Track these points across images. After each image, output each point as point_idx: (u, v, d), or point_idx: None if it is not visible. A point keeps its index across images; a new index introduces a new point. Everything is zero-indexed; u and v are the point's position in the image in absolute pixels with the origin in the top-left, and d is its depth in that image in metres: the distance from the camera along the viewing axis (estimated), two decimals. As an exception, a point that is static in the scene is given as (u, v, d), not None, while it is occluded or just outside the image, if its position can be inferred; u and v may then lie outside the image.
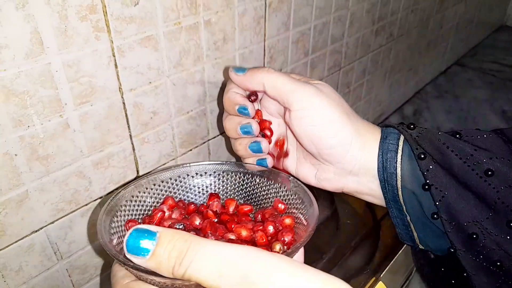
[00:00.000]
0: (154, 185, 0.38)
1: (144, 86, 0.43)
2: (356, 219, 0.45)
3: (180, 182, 0.39)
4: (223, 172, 0.41)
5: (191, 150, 0.53)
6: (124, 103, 0.42)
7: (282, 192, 0.39)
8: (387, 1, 0.81)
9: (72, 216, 0.43)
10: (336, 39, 0.71)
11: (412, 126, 0.38)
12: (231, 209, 0.37)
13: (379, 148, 0.38)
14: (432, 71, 1.24)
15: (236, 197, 0.42)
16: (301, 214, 0.34)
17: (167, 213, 0.35)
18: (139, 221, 0.36)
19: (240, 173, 0.41)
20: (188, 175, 0.40)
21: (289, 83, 0.38)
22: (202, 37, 0.47)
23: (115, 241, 0.31)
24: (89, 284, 0.49)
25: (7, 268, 0.40)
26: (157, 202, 0.38)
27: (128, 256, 0.23)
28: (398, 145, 0.37)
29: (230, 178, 0.41)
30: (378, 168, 0.37)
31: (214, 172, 0.41)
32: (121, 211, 0.34)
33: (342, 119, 0.37)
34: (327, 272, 0.22)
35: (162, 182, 0.38)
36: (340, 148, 0.37)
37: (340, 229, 0.42)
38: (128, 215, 0.35)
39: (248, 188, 0.41)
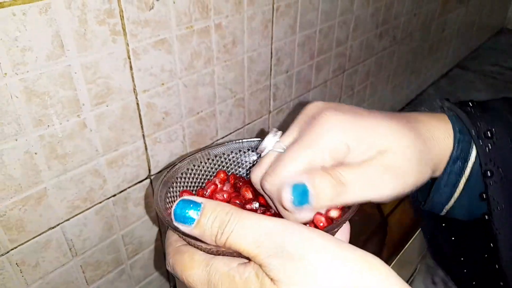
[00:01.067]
0: (208, 159, 0.38)
1: (157, 88, 0.45)
2: (363, 215, 0.46)
3: (233, 157, 0.40)
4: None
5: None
6: (138, 103, 0.44)
7: None
8: (391, 5, 0.82)
9: (87, 214, 0.44)
10: (341, 42, 0.72)
11: (489, 135, 0.32)
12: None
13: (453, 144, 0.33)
14: (434, 74, 1.26)
15: None
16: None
17: (219, 186, 0.36)
18: (194, 192, 0.37)
19: None
20: (240, 150, 0.39)
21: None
22: (213, 40, 0.48)
23: (170, 211, 0.32)
24: (102, 280, 0.50)
25: (25, 263, 0.41)
26: (211, 176, 0.38)
27: (175, 224, 0.25)
28: (469, 155, 0.33)
29: None
30: (450, 160, 0.33)
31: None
32: (176, 182, 0.35)
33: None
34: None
35: (216, 156, 0.39)
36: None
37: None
38: (183, 187, 0.36)
39: None
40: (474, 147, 0.33)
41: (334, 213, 0.30)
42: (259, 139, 0.39)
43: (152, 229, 0.53)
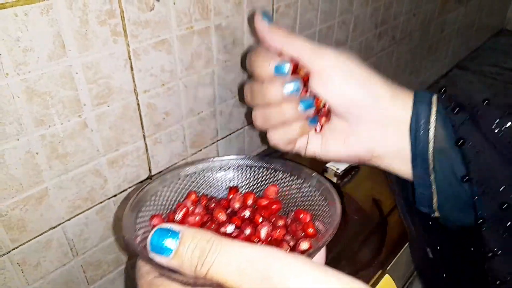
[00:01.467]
0: (179, 179, 0.38)
1: (158, 88, 0.45)
2: (363, 215, 0.46)
3: (204, 176, 0.40)
4: (246, 167, 0.40)
5: (201, 150, 0.54)
6: (138, 104, 0.44)
7: (305, 188, 0.38)
8: (390, 5, 0.83)
9: (87, 213, 0.44)
10: (340, 42, 0.72)
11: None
12: (249, 202, 0.37)
13: (413, 98, 0.37)
14: (433, 74, 1.26)
15: (258, 192, 0.41)
16: (324, 212, 0.34)
17: (190, 208, 0.35)
18: (164, 216, 0.36)
19: (262, 168, 0.40)
20: (211, 169, 0.40)
21: (310, 44, 0.37)
22: (213, 41, 0.48)
23: (139, 238, 0.32)
24: (102, 280, 0.50)
25: (26, 263, 0.41)
26: (182, 196, 0.38)
27: (152, 255, 0.24)
28: (431, 99, 0.36)
29: (252, 172, 0.41)
30: (410, 120, 0.36)
31: (238, 166, 0.41)
32: (146, 206, 0.35)
33: (366, 71, 0.37)
34: (336, 265, 0.23)
35: (186, 176, 0.39)
36: (370, 98, 0.36)
37: (348, 225, 0.44)
38: (153, 210, 0.36)
39: (271, 184, 0.41)
40: (433, 112, 0.36)
41: (304, 246, 0.31)
42: (230, 157, 0.40)
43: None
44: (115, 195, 0.46)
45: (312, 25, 0.63)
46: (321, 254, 0.31)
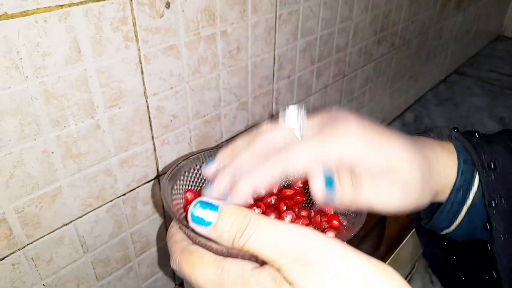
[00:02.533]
0: (211, 160, 0.40)
1: (166, 91, 0.47)
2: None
3: None
4: None
5: (206, 151, 0.56)
6: (148, 106, 0.46)
7: None
8: (389, 13, 0.85)
9: (98, 211, 0.46)
10: (341, 48, 0.75)
11: (492, 166, 0.34)
12: (274, 190, 0.37)
13: (452, 187, 0.35)
14: (432, 80, 1.28)
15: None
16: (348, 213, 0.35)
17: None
18: (196, 191, 0.37)
19: None
20: None
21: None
22: (219, 47, 0.50)
23: (176, 207, 0.33)
24: (111, 277, 0.52)
25: (40, 258, 0.43)
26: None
27: (192, 225, 0.25)
28: (471, 184, 0.35)
29: None
30: (449, 203, 0.35)
31: None
32: (180, 180, 0.36)
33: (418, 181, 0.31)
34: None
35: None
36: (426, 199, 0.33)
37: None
38: (186, 185, 0.37)
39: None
40: (477, 177, 0.34)
41: (330, 235, 0.32)
42: None
43: (159, 228, 0.55)
44: (124, 194, 0.48)
45: (314, 32, 0.66)
46: None
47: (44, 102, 0.37)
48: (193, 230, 0.26)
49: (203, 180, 0.39)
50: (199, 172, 0.39)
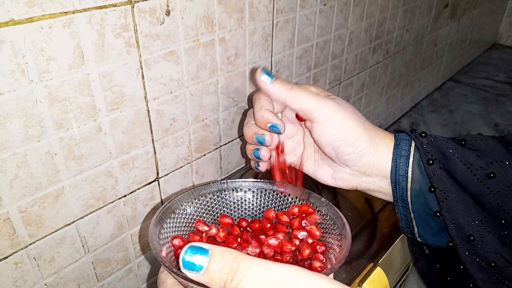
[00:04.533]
0: (194, 199, 0.42)
1: (166, 96, 0.48)
2: (356, 212, 0.49)
3: (218, 196, 0.43)
4: (257, 190, 0.44)
5: (204, 155, 0.57)
6: (148, 110, 0.47)
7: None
8: (383, 21, 0.87)
9: (99, 212, 0.47)
10: (336, 55, 0.76)
11: (423, 135, 0.43)
12: (271, 214, 0.41)
13: (392, 154, 0.43)
14: (427, 87, 1.30)
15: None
16: (335, 236, 0.37)
17: (212, 230, 0.39)
18: (184, 236, 0.39)
19: (274, 191, 0.44)
20: (224, 190, 0.43)
21: (311, 100, 0.42)
22: (217, 53, 0.52)
23: (163, 252, 0.34)
24: (111, 277, 0.53)
25: (42, 258, 0.44)
26: (197, 216, 0.41)
27: (184, 271, 0.26)
28: (409, 152, 0.42)
29: (264, 195, 0.44)
30: (391, 171, 0.42)
31: (249, 189, 0.44)
32: (167, 223, 0.37)
33: (358, 129, 0.42)
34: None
35: (201, 196, 0.42)
36: (356, 154, 0.42)
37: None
38: (173, 227, 0.38)
39: (281, 207, 0.44)
40: (413, 145, 0.42)
41: (317, 264, 0.35)
42: (243, 180, 0.44)
43: (159, 230, 0.56)
44: (125, 196, 0.49)
45: (310, 39, 0.67)
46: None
47: (48, 105, 0.38)
48: (185, 276, 0.26)
49: (189, 221, 0.40)
50: (184, 213, 0.40)
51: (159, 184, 0.53)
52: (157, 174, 0.52)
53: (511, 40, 1.78)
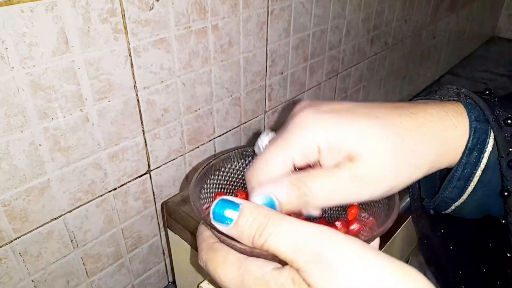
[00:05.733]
0: (241, 159, 0.38)
1: (157, 85, 0.47)
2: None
3: None
4: None
5: (198, 147, 0.56)
6: (138, 100, 0.45)
7: None
8: (382, 12, 0.85)
9: (88, 206, 0.46)
10: (334, 46, 0.75)
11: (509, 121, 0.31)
12: None
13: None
14: (426, 79, 1.28)
15: None
16: (381, 205, 0.34)
17: None
18: (226, 194, 0.38)
19: None
20: None
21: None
22: (210, 41, 0.50)
23: (204, 207, 0.33)
24: (102, 273, 0.51)
25: (28, 254, 0.42)
26: (242, 176, 0.39)
27: (214, 223, 0.25)
28: (485, 148, 0.32)
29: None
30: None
31: None
32: (210, 180, 0.36)
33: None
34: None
35: (249, 157, 0.40)
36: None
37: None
38: (216, 185, 0.37)
39: None
40: (491, 136, 0.31)
41: (354, 226, 0.32)
42: None
43: (151, 224, 0.55)
44: (114, 189, 0.47)
45: (306, 28, 0.66)
46: (375, 243, 0.30)
47: (30, 93, 0.36)
48: (215, 228, 0.26)
49: (233, 181, 0.39)
50: (229, 171, 0.38)
51: (150, 177, 0.51)
52: (149, 167, 0.50)
53: (510, 33, 1.76)
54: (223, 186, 0.38)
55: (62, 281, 0.47)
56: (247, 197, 0.37)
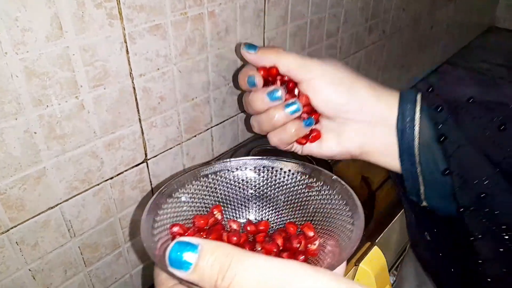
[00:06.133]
0: (195, 180, 0.38)
1: (153, 72, 0.46)
2: (353, 190, 0.48)
3: (220, 177, 0.39)
4: (263, 167, 0.40)
5: (195, 136, 0.55)
6: (134, 87, 0.45)
7: (325, 191, 0.37)
8: (380, 0, 0.84)
9: (85, 195, 0.45)
10: (332, 34, 0.74)
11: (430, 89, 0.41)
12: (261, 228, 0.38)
13: (399, 98, 0.40)
14: (424, 70, 1.28)
15: (277, 195, 0.40)
16: (345, 218, 0.33)
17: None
18: (185, 222, 0.36)
19: (279, 169, 0.40)
20: (228, 170, 0.39)
21: (298, 59, 0.41)
22: (206, 28, 0.50)
23: (158, 244, 0.31)
24: (100, 263, 0.51)
25: (24, 243, 0.42)
26: (198, 198, 0.38)
27: (171, 270, 0.24)
28: (416, 98, 0.40)
29: (269, 173, 0.40)
30: (397, 118, 0.39)
31: (254, 167, 0.40)
32: (163, 209, 0.34)
33: (351, 77, 0.41)
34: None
35: (202, 177, 0.38)
36: (355, 102, 0.40)
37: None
38: (170, 213, 0.35)
39: (289, 186, 0.40)
40: (418, 110, 0.39)
41: (313, 247, 0.33)
42: (245, 158, 0.40)
43: (149, 213, 0.54)
44: (111, 178, 0.47)
45: (304, 16, 0.65)
46: (341, 267, 0.30)
47: (24, 79, 0.36)
48: (173, 275, 0.24)
49: (190, 204, 0.37)
50: (185, 197, 0.37)
51: (147, 166, 0.51)
52: (145, 156, 0.50)
53: (508, 23, 1.75)
54: (178, 214, 0.36)
55: (59, 271, 0.47)
56: (205, 222, 0.36)
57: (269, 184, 0.41)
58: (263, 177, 0.41)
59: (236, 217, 0.40)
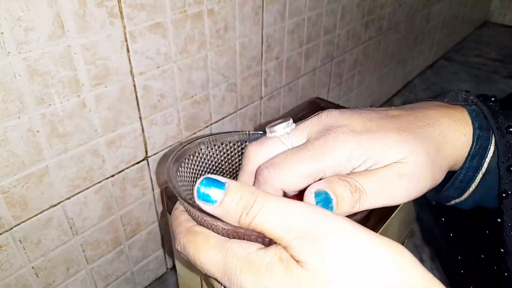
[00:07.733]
0: (215, 145, 0.38)
1: (153, 70, 0.46)
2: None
3: (238, 147, 0.39)
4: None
5: (195, 133, 0.56)
6: (135, 85, 0.45)
7: None
8: (376, -4, 0.85)
9: (87, 193, 0.46)
10: (329, 30, 0.74)
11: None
12: None
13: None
14: (420, 65, 1.29)
15: None
16: None
17: None
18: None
19: None
20: (246, 141, 0.39)
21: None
22: (206, 25, 0.50)
23: (181, 189, 0.32)
24: (101, 260, 0.51)
25: (28, 240, 0.42)
26: (215, 162, 0.39)
27: (198, 202, 0.25)
28: (486, 154, 0.34)
29: None
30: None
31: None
32: (185, 163, 0.35)
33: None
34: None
35: (222, 144, 0.38)
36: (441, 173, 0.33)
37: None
38: (191, 167, 0.37)
39: None
40: (492, 142, 0.33)
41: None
42: (263, 132, 0.40)
43: (149, 210, 0.55)
44: (112, 175, 0.47)
45: (301, 12, 0.65)
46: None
47: (27, 78, 0.36)
48: (199, 208, 0.25)
49: (208, 165, 0.38)
50: (203, 157, 0.37)
51: (148, 164, 0.51)
52: (146, 153, 0.50)
53: (502, 18, 1.76)
54: (197, 171, 0.36)
55: (62, 268, 0.47)
56: None
57: None
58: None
59: None
